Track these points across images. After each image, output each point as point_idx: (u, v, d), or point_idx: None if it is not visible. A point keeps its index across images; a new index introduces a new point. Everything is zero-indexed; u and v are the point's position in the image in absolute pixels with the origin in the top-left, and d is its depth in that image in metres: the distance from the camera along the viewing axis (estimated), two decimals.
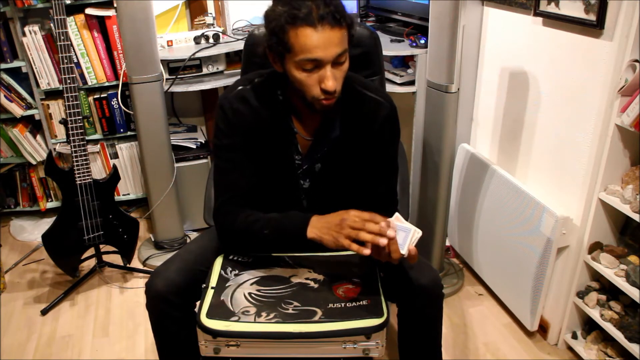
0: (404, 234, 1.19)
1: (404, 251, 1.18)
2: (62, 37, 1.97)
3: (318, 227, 1.25)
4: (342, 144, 1.38)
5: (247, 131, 1.36)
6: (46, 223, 2.75)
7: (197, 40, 2.51)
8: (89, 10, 2.43)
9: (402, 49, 2.24)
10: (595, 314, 1.76)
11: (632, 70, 1.49)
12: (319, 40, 1.17)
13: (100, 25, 2.48)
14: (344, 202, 1.38)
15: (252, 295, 1.31)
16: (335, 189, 1.42)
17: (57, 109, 2.59)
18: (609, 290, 1.77)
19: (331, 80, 1.21)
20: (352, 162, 1.39)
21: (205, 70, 2.49)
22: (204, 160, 2.60)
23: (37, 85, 2.53)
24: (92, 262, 2.38)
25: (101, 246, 2.33)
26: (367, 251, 1.17)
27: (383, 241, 1.15)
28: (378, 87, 1.41)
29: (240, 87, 1.39)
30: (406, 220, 1.22)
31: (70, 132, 2.06)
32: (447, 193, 2.14)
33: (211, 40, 2.51)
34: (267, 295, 1.31)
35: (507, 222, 2.03)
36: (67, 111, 2.04)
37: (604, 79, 1.61)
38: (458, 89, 1.95)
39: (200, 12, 2.67)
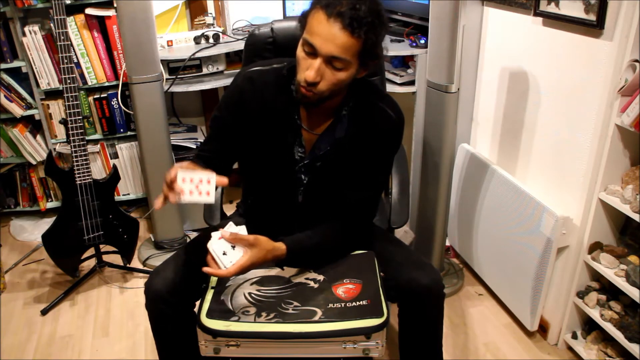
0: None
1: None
2: (62, 37, 1.97)
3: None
4: (345, 146, 1.38)
5: (240, 110, 1.38)
6: (46, 223, 2.75)
7: (197, 40, 2.51)
8: (89, 10, 2.43)
9: (402, 49, 2.24)
10: (595, 314, 1.76)
11: (632, 70, 1.49)
12: (322, 30, 1.19)
13: (100, 25, 2.48)
14: (335, 203, 1.39)
15: (252, 295, 1.31)
16: (331, 189, 1.42)
17: (57, 109, 2.59)
18: (609, 290, 1.77)
19: (313, 71, 1.22)
20: (349, 166, 1.40)
21: (205, 70, 2.49)
22: None
23: (37, 85, 2.53)
24: (92, 262, 2.38)
25: (101, 246, 2.33)
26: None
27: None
28: (395, 102, 1.42)
29: (253, 69, 1.41)
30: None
31: (70, 132, 2.06)
32: (447, 193, 2.14)
33: (211, 40, 2.51)
34: (267, 295, 1.31)
35: (507, 222, 2.03)
36: (67, 111, 2.04)
37: (604, 79, 1.61)
38: (458, 89, 1.94)
39: (200, 12, 2.67)
